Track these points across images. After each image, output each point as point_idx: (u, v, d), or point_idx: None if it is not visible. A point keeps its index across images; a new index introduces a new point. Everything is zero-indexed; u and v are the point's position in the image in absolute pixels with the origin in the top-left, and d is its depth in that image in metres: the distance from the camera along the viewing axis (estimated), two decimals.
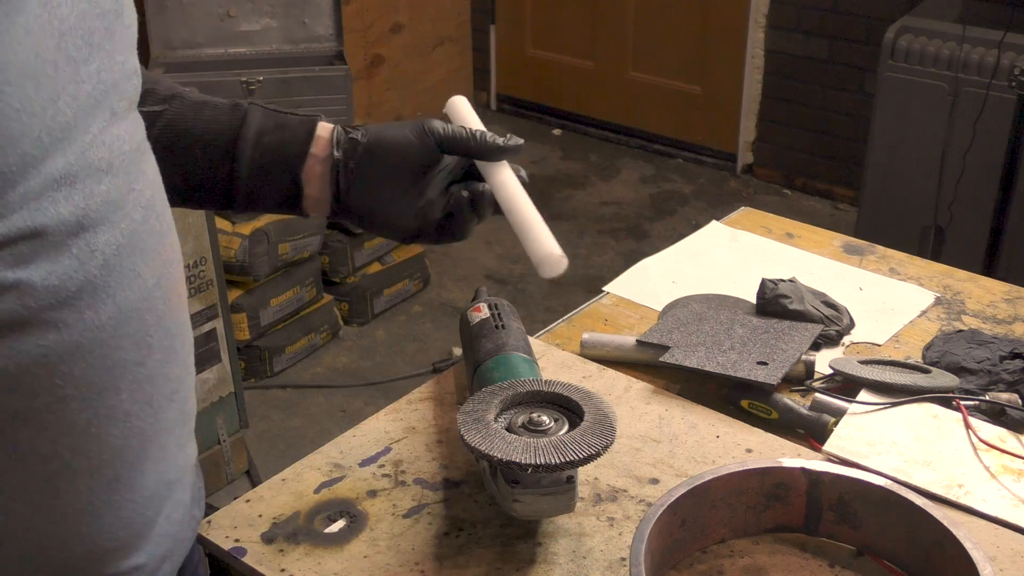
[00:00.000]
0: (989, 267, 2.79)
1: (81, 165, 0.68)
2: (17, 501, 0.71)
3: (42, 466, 0.71)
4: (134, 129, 0.76)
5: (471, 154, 0.98)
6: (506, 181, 0.97)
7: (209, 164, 0.95)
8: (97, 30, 0.70)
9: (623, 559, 0.96)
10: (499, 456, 0.89)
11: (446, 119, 1.02)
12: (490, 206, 0.99)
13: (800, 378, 1.22)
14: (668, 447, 1.11)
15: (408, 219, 0.98)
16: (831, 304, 1.35)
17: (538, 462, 0.89)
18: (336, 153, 0.96)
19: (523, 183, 0.98)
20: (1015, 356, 1.22)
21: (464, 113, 1.05)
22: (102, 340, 0.71)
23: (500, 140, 0.98)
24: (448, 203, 0.99)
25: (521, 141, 0.99)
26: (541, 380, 1.00)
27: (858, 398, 1.16)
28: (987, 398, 1.16)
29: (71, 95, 0.67)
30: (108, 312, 0.71)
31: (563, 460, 0.89)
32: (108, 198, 0.71)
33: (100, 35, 0.71)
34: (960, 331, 1.32)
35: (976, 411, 1.16)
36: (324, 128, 0.97)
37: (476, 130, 0.98)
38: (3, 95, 0.62)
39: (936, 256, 3.03)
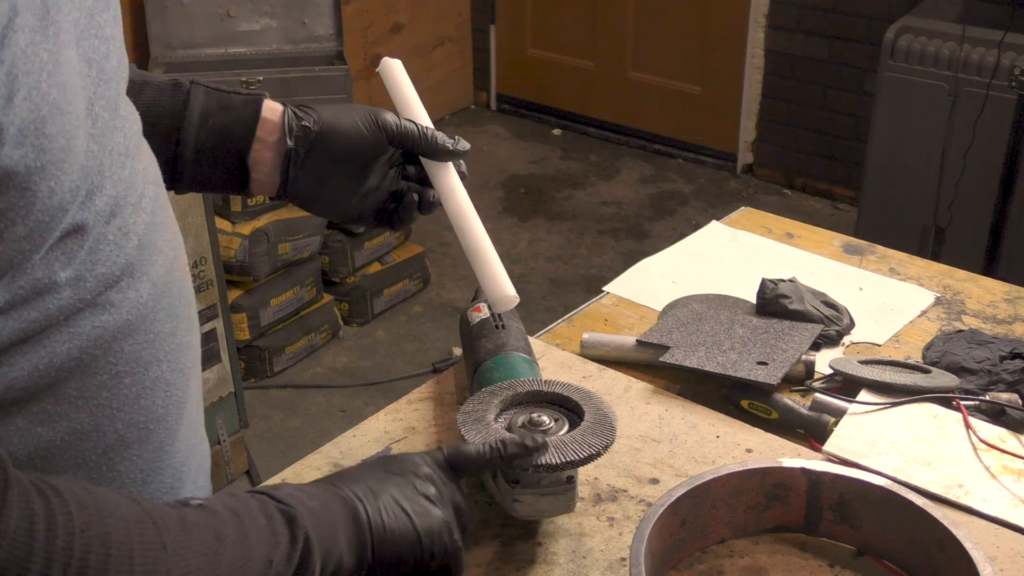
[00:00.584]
0: (989, 267, 2.79)
1: (107, 154, 0.71)
2: (80, 474, 0.74)
3: (100, 441, 0.74)
4: (134, 117, 0.78)
5: (420, 152, 0.99)
6: (453, 189, 0.98)
7: (152, 145, 0.90)
8: (106, 23, 0.72)
9: (623, 559, 0.96)
10: None
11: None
12: (435, 206, 1.01)
13: (800, 378, 1.22)
14: (668, 447, 1.11)
15: (350, 204, 0.99)
16: (831, 304, 1.35)
17: (539, 462, 0.89)
18: (289, 141, 0.94)
19: (463, 177, 0.99)
20: (1015, 356, 1.22)
21: (399, 80, 1.06)
22: (144, 316, 0.74)
23: (449, 143, 0.98)
24: (390, 191, 1.00)
25: (468, 145, 1.00)
26: (541, 380, 1.00)
27: (858, 398, 1.16)
28: (987, 398, 1.16)
29: (104, 97, 0.70)
30: (146, 289, 0.74)
31: (563, 460, 0.89)
32: (132, 182, 0.74)
33: (109, 27, 0.72)
34: (960, 331, 1.32)
35: (976, 411, 1.16)
36: (272, 110, 0.95)
37: (427, 128, 0.99)
38: (63, 114, 0.64)
39: (936, 256, 3.03)
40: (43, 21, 0.62)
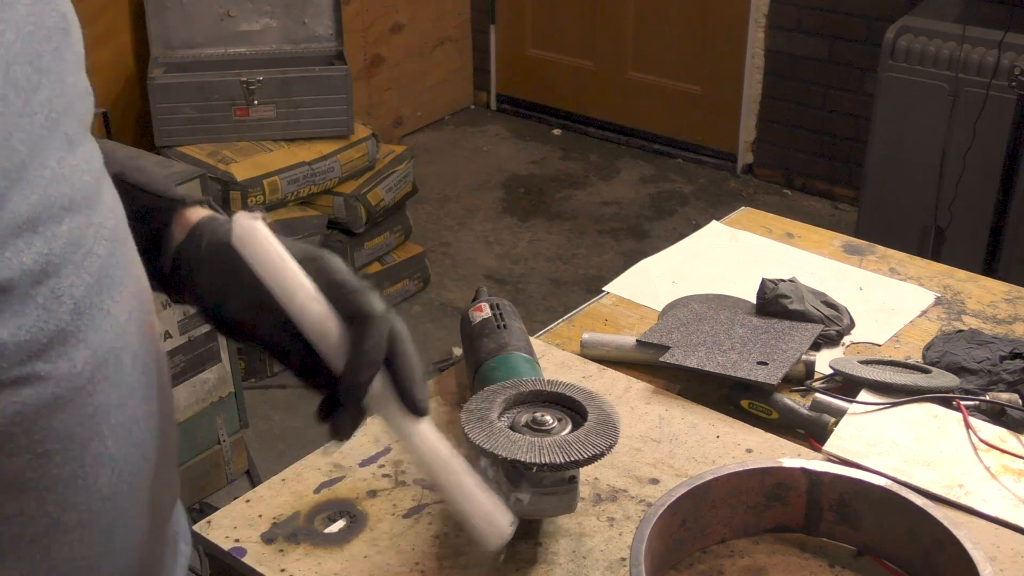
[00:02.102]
0: (989, 267, 2.79)
1: (43, 205, 0.62)
2: (8, 562, 0.66)
3: (29, 527, 0.66)
4: (91, 155, 0.69)
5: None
6: (427, 438, 0.77)
7: None
8: (45, 53, 0.63)
9: (623, 559, 0.96)
10: (504, 454, 0.89)
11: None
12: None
13: (800, 378, 1.22)
14: (668, 447, 1.11)
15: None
16: (831, 304, 1.35)
17: (543, 461, 0.89)
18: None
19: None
20: (1015, 356, 1.22)
21: (262, 252, 0.78)
22: (79, 388, 0.65)
23: (423, 403, 0.77)
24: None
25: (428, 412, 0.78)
26: (544, 380, 1.00)
27: (858, 398, 1.16)
28: (987, 398, 1.16)
29: (24, 130, 0.61)
30: (83, 357, 0.65)
31: (568, 459, 0.89)
32: (71, 238, 0.64)
33: (48, 58, 0.64)
34: (960, 331, 1.32)
35: (976, 411, 1.16)
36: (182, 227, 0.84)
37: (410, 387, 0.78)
38: None
39: (936, 256, 3.03)
40: None
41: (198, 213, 0.85)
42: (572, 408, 0.97)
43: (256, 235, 0.76)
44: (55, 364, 0.63)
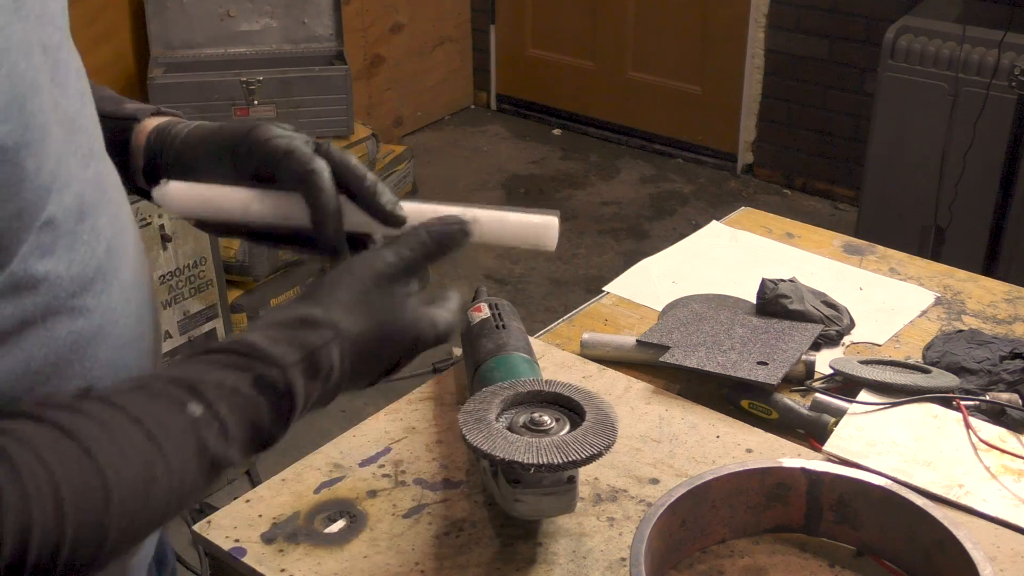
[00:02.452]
0: (989, 267, 2.79)
1: (70, 149, 0.70)
2: None
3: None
4: (92, 105, 0.77)
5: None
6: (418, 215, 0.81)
7: None
8: (57, 13, 0.72)
9: (623, 559, 0.96)
10: (502, 456, 0.89)
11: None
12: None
13: (800, 378, 1.22)
14: (668, 447, 1.11)
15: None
16: (831, 304, 1.35)
17: (541, 462, 0.89)
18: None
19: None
20: (1015, 356, 1.22)
21: (191, 206, 0.81)
22: (115, 321, 0.74)
23: (392, 209, 0.81)
24: None
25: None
26: (542, 380, 1.00)
27: (858, 398, 1.16)
28: (987, 398, 1.16)
29: (60, 84, 0.69)
30: (115, 294, 0.73)
31: (566, 460, 0.89)
32: (97, 182, 0.73)
33: (60, 17, 0.72)
34: (960, 331, 1.32)
35: (976, 411, 1.16)
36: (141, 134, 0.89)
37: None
38: (38, 93, 0.64)
39: (936, 256, 3.03)
40: (16, 2, 0.63)
41: (154, 121, 0.89)
42: (570, 408, 0.97)
43: (174, 196, 0.79)
44: (98, 299, 0.71)
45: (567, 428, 0.94)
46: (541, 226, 0.83)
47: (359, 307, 0.75)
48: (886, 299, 1.40)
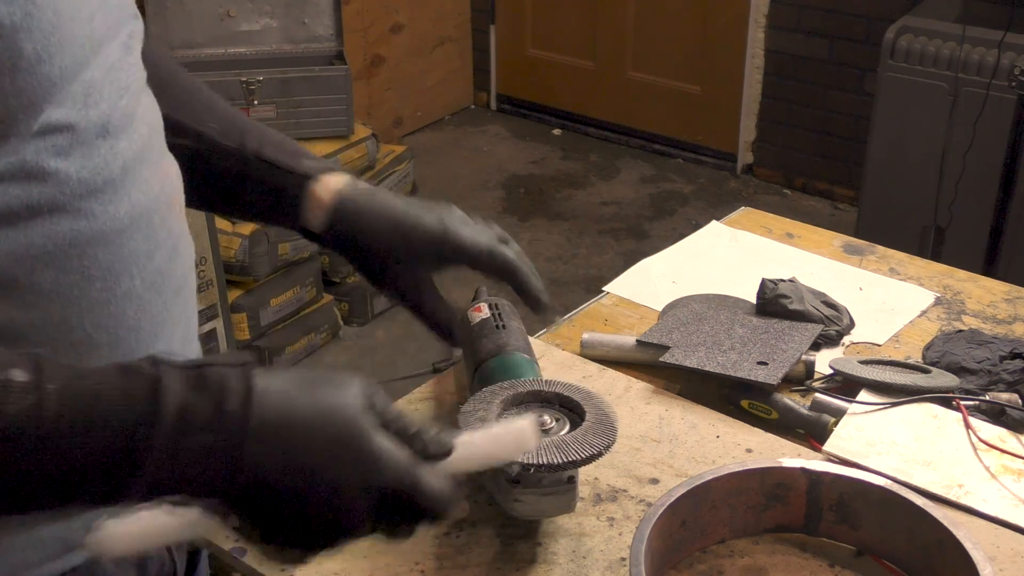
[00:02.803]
0: (989, 267, 2.79)
1: (108, 79, 0.80)
2: None
3: (68, 335, 0.80)
4: (141, 66, 0.88)
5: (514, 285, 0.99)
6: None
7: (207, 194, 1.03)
8: None
9: (623, 559, 0.96)
10: None
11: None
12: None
13: (800, 378, 1.22)
14: (668, 447, 1.11)
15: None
16: (831, 304, 1.35)
17: (540, 462, 0.89)
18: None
19: None
20: (1015, 356, 1.22)
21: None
22: (120, 231, 0.81)
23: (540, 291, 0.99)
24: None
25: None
26: (542, 380, 1.00)
27: (858, 398, 1.16)
28: (987, 398, 1.16)
29: (102, 17, 0.80)
30: (124, 208, 0.82)
31: (565, 460, 0.89)
32: (127, 111, 0.82)
33: None
34: (960, 331, 1.32)
35: (976, 411, 1.16)
36: (324, 190, 1.00)
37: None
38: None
39: (936, 256, 3.03)
40: None
41: (334, 181, 1.00)
42: (571, 408, 0.97)
43: (112, 538, 0.69)
44: (105, 207, 0.80)
45: (567, 428, 0.94)
46: (517, 434, 0.78)
47: (302, 384, 0.72)
48: (886, 299, 1.40)
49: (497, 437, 0.78)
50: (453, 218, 0.98)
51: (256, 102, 3.11)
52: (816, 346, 1.29)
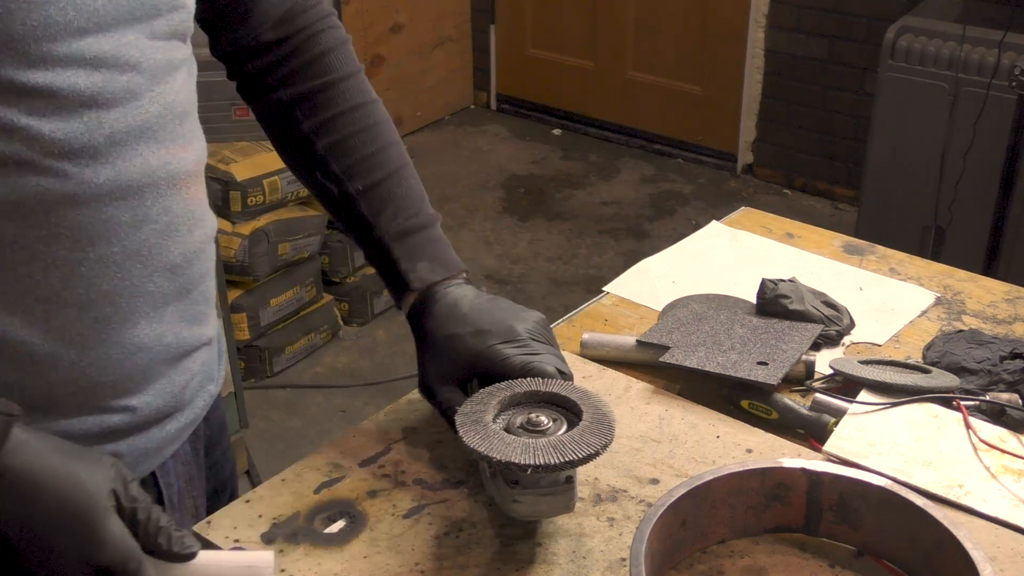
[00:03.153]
0: (989, 267, 2.79)
1: (113, 54, 0.82)
2: (15, 316, 0.83)
3: (34, 289, 0.83)
4: (173, 52, 0.90)
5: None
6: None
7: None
8: None
9: (623, 559, 0.96)
10: (498, 457, 0.89)
11: None
12: None
13: (800, 378, 1.22)
14: (668, 447, 1.11)
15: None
16: (831, 304, 1.35)
17: (537, 462, 0.89)
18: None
19: None
20: (1015, 356, 1.22)
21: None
22: (96, 196, 0.83)
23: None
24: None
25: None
26: (539, 380, 1.00)
27: (858, 398, 1.16)
28: (987, 398, 1.16)
29: (113, 3, 0.81)
30: (106, 175, 0.83)
31: (562, 460, 0.89)
32: (128, 87, 0.84)
33: None
34: (960, 331, 1.32)
35: (976, 411, 1.16)
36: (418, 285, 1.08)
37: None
38: None
39: (936, 256, 3.03)
40: None
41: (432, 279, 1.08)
42: (568, 408, 0.97)
43: None
44: (80, 170, 0.82)
45: (564, 428, 0.94)
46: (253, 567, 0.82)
47: (59, 450, 0.77)
48: (886, 299, 1.40)
49: (235, 565, 0.82)
50: (515, 332, 1.01)
51: None
52: (816, 346, 1.29)
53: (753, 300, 1.35)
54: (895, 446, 1.10)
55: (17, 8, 0.75)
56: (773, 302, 1.32)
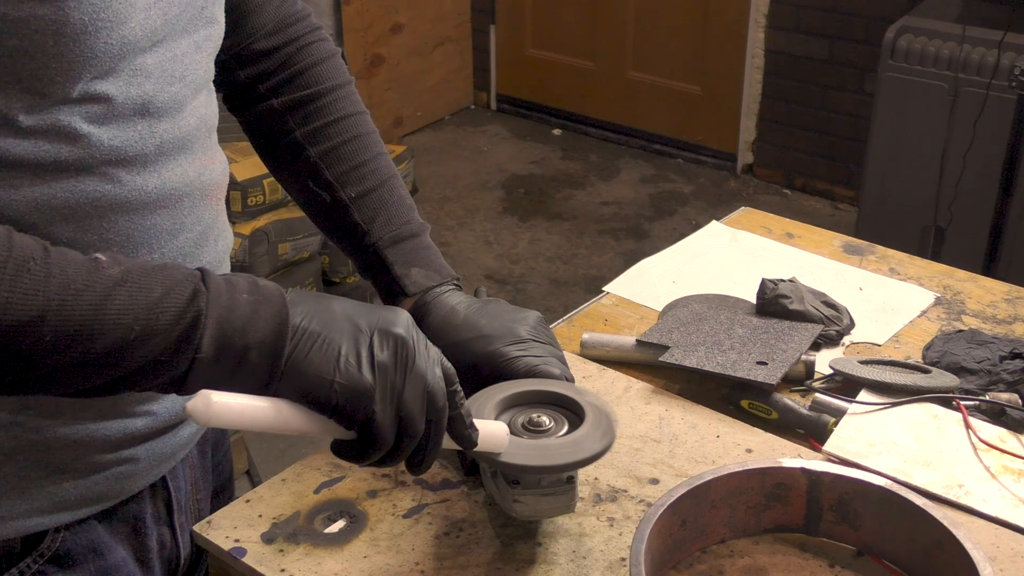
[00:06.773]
0: (989, 267, 2.79)
1: (162, 67, 0.85)
2: None
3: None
4: (208, 66, 0.94)
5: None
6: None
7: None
8: None
9: (623, 559, 0.96)
10: (499, 457, 0.89)
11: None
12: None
13: (800, 378, 1.22)
14: (668, 447, 1.11)
15: None
16: (831, 304, 1.35)
17: (539, 464, 0.89)
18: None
19: None
20: (1015, 356, 1.22)
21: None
22: (145, 203, 0.86)
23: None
24: None
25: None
26: (540, 380, 1.00)
27: (858, 398, 1.16)
28: (987, 398, 1.16)
29: (160, 11, 0.84)
30: (153, 183, 0.87)
31: (565, 461, 0.89)
32: (175, 98, 0.88)
33: None
34: (960, 331, 1.32)
35: (976, 411, 1.16)
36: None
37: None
38: None
39: (936, 256, 3.03)
40: None
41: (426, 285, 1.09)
42: (569, 408, 0.97)
43: (212, 410, 0.76)
44: (133, 177, 0.85)
45: (565, 428, 0.94)
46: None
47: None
48: (886, 299, 1.40)
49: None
50: (516, 334, 1.02)
51: None
52: (816, 346, 1.29)
53: (753, 300, 1.35)
54: (895, 446, 1.10)
55: (102, 27, 0.78)
56: (773, 302, 1.32)
